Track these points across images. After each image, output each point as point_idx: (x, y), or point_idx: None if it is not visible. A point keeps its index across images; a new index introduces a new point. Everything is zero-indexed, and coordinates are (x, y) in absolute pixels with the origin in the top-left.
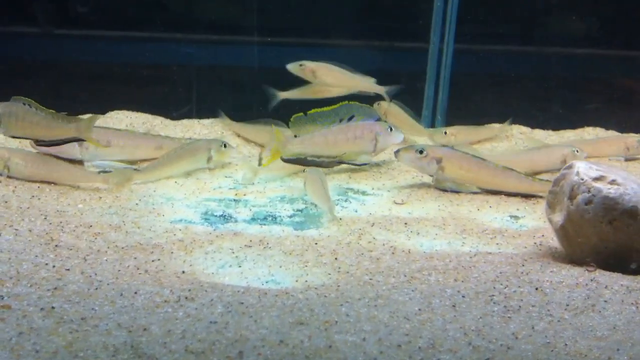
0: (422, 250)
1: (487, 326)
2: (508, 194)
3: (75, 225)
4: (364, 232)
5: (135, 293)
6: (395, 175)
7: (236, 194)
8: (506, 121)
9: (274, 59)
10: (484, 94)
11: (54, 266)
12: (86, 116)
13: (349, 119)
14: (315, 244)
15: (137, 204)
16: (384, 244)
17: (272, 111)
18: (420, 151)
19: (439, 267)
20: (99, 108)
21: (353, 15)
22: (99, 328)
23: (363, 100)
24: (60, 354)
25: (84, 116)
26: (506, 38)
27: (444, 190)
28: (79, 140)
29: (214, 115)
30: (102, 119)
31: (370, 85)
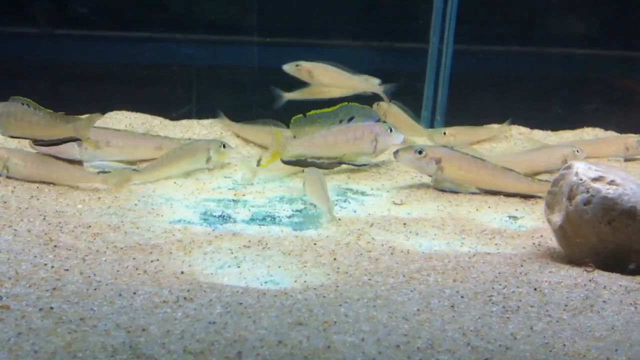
0: (421, 251)
1: (486, 326)
2: (507, 195)
3: (74, 226)
4: (362, 233)
5: (134, 293)
6: (395, 176)
7: (235, 194)
8: (505, 122)
9: (274, 59)
10: (483, 94)
11: (52, 266)
12: (85, 116)
13: (349, 120)
14: (314, 244)
15: (136, 205)
16: (382, 245)
17: (272, 112)
18: (420, 151)
19: (437, 268)
20: (99, 108)
21: (353, 15)
22: (97, 328)
23: (364, 101)
24: (59, 354)
25: (83, 116)
26: (505, 38)
27: (443, 190)
28: (77, 139)
29: (214, 115)
30: (102, 119)
31: (367, 85)
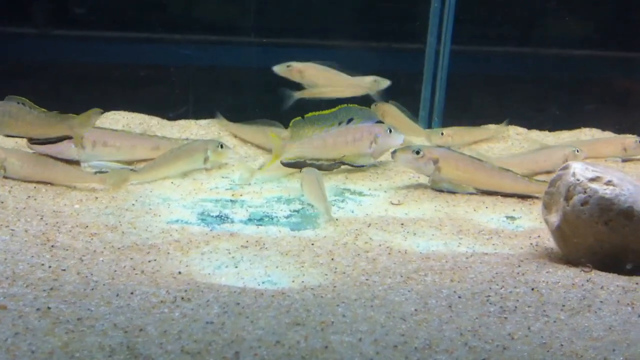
0: (419, 251)
1: (483, 327)
2: (504, 195)
3: (71, 226)
4: (360, 233)
5: (132, 293)
6: (392, 176)
7: (233, 194)
8: (503, 122)
9: (272, 60)
10: (481, 95)
11: (50, 267)
12: (82, 114)
13: (348, 122)
14: (312, 244)
15: (134, 205)
16: (380, 245)
17: (270, 112)
18: (417, 152)
19: (435, 268)
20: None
21: (351, 16)
22: (95, 328)
23: (364, 101)
24: (56, 354)
25: (78, 115)
26: (503, 39)
27: (441, 190)
28: (71, 138)
29: (211, 115)
30: (99, 119)
31: (360, 86)
